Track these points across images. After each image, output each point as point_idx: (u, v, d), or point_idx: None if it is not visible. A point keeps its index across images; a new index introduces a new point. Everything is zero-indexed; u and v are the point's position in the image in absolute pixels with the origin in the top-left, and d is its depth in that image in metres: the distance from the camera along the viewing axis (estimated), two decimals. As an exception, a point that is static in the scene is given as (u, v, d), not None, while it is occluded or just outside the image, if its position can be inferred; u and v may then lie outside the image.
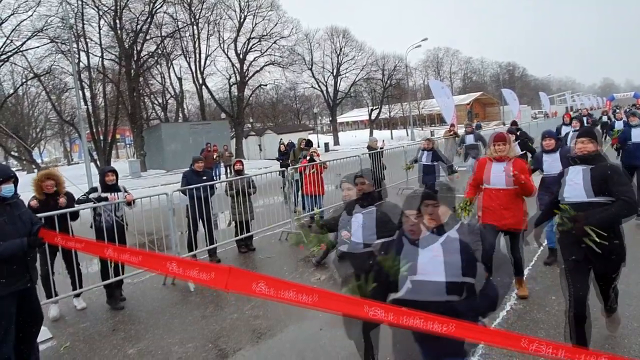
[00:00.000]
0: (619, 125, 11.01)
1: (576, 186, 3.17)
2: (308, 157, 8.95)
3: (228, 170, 19.68)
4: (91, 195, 5.38)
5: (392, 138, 44.91)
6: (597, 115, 20.68)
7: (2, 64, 27.21)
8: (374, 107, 47.95)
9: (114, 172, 5.66)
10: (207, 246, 6.74)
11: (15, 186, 3.45)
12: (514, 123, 11.99)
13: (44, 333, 4.34)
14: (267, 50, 37.81)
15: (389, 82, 46.05)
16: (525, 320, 4.05)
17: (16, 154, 31.38)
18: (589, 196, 3.09)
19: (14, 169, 3.88)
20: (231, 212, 7.33)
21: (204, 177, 6.93)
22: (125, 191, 5.63)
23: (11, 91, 30.82)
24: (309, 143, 10.59)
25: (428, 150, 9.02)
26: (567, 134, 8.88)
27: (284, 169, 10.36)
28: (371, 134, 38.63)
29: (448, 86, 30.19)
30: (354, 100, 55.52)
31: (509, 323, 4.01)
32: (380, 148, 11.55)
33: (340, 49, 44.23)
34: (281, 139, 22.85)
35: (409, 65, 48.84)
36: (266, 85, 41.03)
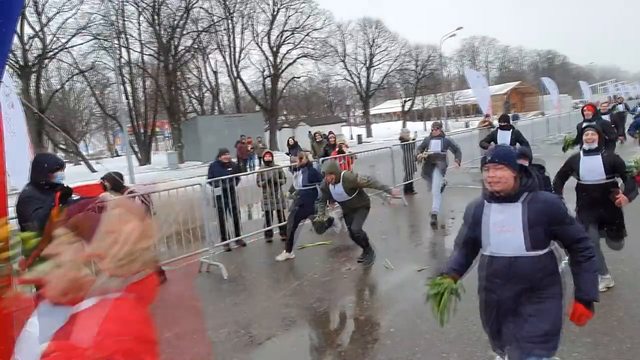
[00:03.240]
0: None
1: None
2: (337, 149, 8.99)
3: (262, 162, 19.96)
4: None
5: (425, 129, 44.16)
6: None
7: (50, 61, 28.60)
8: (407, 99, 47.24)
9: (106, 179, 5.32)
10: (235, 235, 7.09)
11: None
12: (505, 118, 8.41)
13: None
14: (300, 42, 37.96)
15: (422, 72, 45.22)
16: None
17: (64, 147, 32.97)
18: None
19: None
20: (262, 202, 7.49)
21: (229, 169, 7.13)
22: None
23: (58, 87, 32.38)
24: (326, 137, 10.52)
25: (302, 167, 6.60)
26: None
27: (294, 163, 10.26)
28: (404, 125, 38.14)
29: (484, 76, 29.32)
30: (387, 91, 54.85)
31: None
32: (413, 139, 11.45)
33: (373, 40, 43.75)
34: (311, 132, 22.86)
35: (443, 55, 47.78)
36: (299, 77, 41.25)
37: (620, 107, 14.94)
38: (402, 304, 4.46)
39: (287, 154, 13.60)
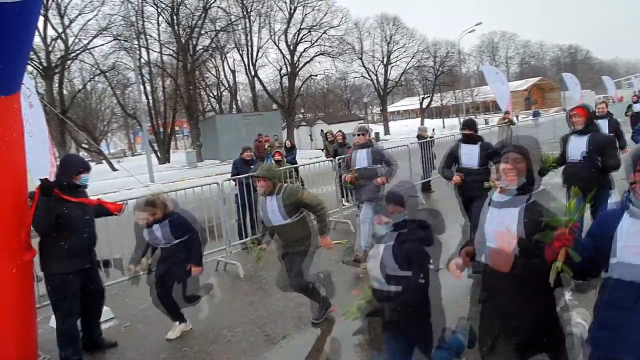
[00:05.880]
0: None
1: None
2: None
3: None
4: None
5: (444, 127, 43.67)
6: None
7: (72, 62, 29.25)
8: (426, 96, 46.80)
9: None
10: (252, 234, 7.01)
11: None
12: (470, 125, 5.30)
13: (107, 313, 4.68)
14: (317, 40, 37.96)
15: (441, 69, 44.74)
16: None
17: (86, 146, 33.70)
18: None
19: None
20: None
21: (252, 167, 7.18)
22: None
23: (80, 87, 33.07)
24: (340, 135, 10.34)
25: (157, 221, 4.09)
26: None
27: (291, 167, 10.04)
28: (422, 122, 37.78)
29: (504, 72, 28.79)
30: (404, 88, 54.46)
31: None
32: (430, 137, 11.32)
33: (391, 37, 43.49)
34: (323, 130, 22.71)
35: (462, 51, 47.12)
36: (316, 75, 41.32)
37: (636, 107, 12.19)
38: (419, 305, 4.39)
39: (285, 156, 12.65)
